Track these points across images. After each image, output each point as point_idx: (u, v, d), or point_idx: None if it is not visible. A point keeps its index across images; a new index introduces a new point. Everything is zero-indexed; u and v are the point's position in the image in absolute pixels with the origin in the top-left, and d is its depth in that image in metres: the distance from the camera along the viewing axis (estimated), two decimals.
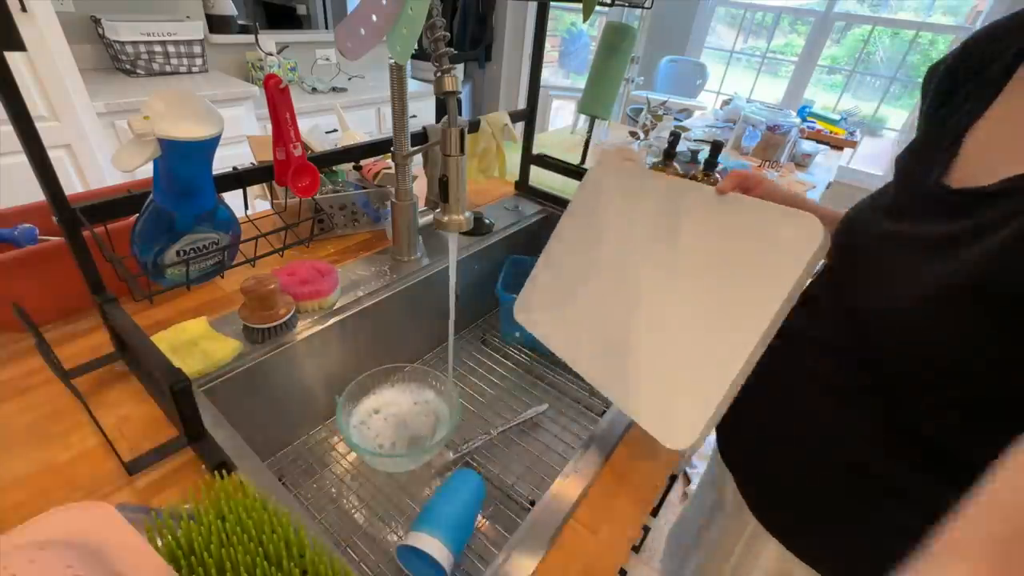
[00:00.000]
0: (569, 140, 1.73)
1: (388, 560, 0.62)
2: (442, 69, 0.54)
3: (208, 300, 0.75)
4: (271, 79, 0.71)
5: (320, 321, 0.74)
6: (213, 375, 0.62)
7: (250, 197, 0.80)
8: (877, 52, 3.34)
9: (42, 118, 1.37)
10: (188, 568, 0.37)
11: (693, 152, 1.34)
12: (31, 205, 0.73)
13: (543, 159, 1.15)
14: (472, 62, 3.66)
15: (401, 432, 0.72)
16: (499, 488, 0.72)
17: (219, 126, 0.60)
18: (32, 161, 0.49)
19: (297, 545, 0.39)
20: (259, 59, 2.18)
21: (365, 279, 0.83)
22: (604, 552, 0.50)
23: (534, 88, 1.06)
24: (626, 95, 2.58)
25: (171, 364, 0.50)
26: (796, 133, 1.68)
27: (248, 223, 0.83)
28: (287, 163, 0.76)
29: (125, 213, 0.65)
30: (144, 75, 1.86)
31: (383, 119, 2.41)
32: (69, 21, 1.74)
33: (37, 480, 0.49)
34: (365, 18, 0.56)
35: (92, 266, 0.57)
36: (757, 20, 3.60)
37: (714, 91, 3.67)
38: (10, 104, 0.45)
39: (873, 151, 3.59)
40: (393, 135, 0.78)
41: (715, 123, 1.95)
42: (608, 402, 0.88)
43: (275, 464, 0.73)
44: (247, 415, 0.66)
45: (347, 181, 0.96)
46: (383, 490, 0.71)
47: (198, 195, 0.66)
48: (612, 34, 1.08)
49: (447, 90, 0.54)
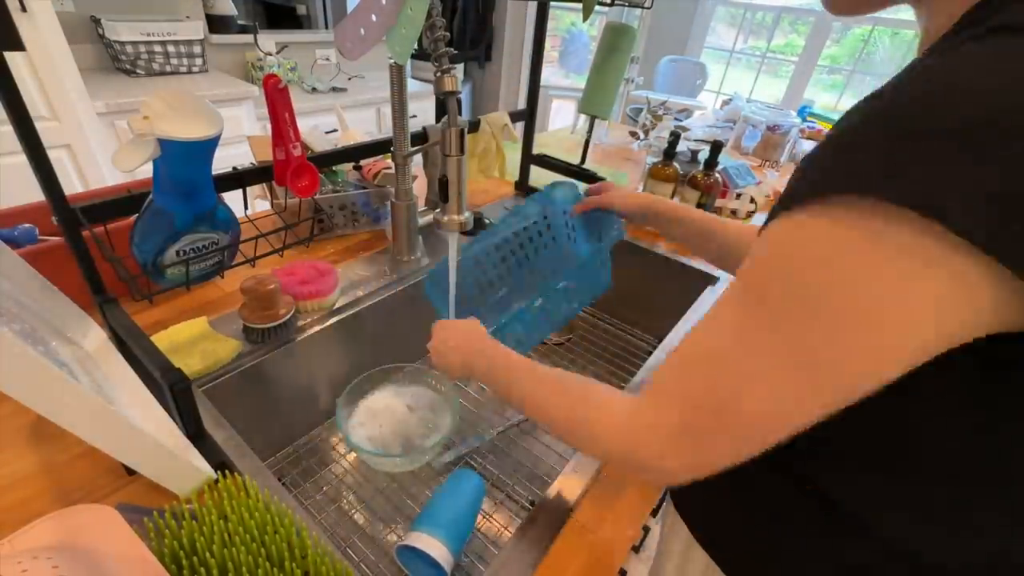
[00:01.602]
0: (569, 140, 1.73)
1: (388, 560, 0.62)
2: (442, 69, 0.54)
3: (208, 300, 0.75)
4: (270, 79, 0.71)
5: (320, 321, 0.74)
6: (213, 375, 0.62)
7: (250, 197, 0.80)
8: (877, 52, 3.34)
9: (42, 118, 1.37)
10: (190, 568, 0.37)
11: (693, 152, 1.34)
12: (31, 205, 0.73)
13: (543, 159, 1.15)
14: (472, 62, 3.66)
15: (401, 432, 0.72)
16: (499, 488, 0.72)
17: (219, 126, 0.60)
18: (32, 161, 0.49)
19: (299, 546, 0.39)
20: (259, 59, 2.18)
21: (365, 279, 0.83)
22: (604, 552, 0.50)
23: (534, 88, 1.06)
24: (626, 95, 2.58)
25: (171, 364, 0.49)
26: (796, 133, 1.67)
27: (248, 223, 0.83)
28: (287, 163, 0.76)
29: (125, 213, 0.65)
30: (144, 75, 1.86)
31: (383, 119, 2.41)
32: (69, 21, 1.73)
33: (37, 480, 0.49)
34: (365, 18, 0.56)
35: (92, 266, 0.57)
36: (757, 20, 3.60)
37: (714, 91, 3.67)
38: (10, 104, 0.45)
39: None
40: (393, 135, 0.78)
41: (715, 123, 1.95)
42: None
43: (275, 464, 0.73)
44: (247, 415, 0.66)
45: (347, 181, 0.96)
46: (383, 490, 0.71)
47: (198, 195, 0.66)
48: (612, 34, 1.08)
49: (447, 90, 0.55)
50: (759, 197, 1.15)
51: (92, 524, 0.35)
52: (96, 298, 0.59)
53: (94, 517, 0.36)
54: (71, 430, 0.37)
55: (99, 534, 0.35)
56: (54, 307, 0.55)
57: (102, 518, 0.36)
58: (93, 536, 0.35)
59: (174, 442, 0.48)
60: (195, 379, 0.61)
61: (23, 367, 0.34)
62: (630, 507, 0.55)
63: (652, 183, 1.09)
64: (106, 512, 0.36)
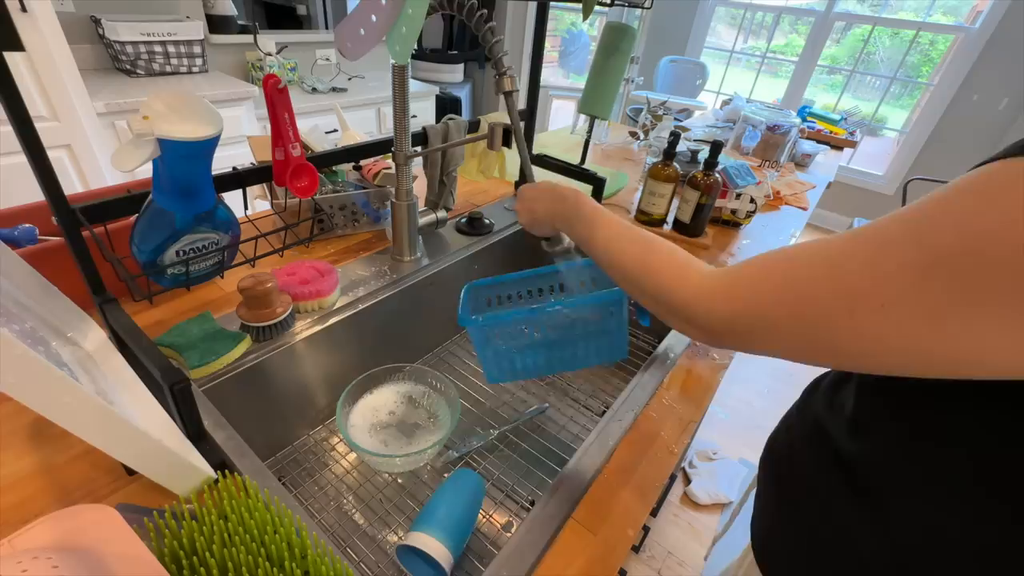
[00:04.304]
0: (569, 140, 1.73)
1: (388, 560, 0.62)
2: (499, 72, 0.63)
3: (208, 300, 0.75)
4: (269, 79, 0.71)
5: (320, 321, 0.74)
6: (213, 375, 0.62)
7: (250, 197, 0.80)
8: (877, 52, 3.34)
9: (42, 118, 1.37)
10: (190, 568, 0.37)
11: (693, 152, 1.34)
12: (31, 205, 0.73)
13: (543, 159, 1.15)
14: (472, 62, 3.66)
15: (401, 432, 0.72)
16: (499, 488, 0.72)
17: (218, 126, 0.60)
18: (32, 161, 0.49)
19: (299, 546, 0.39)
20: (259, 59, 2.18)
21: (365, 279, 0.83)
22: (604, 552, 0.50)
23: (534, 88, 1.06)
24: (626, 95, 2.58)
25: (171, 364, 0.50)
26: (796, 133, 1.67)
27: (248, 223, 0.83)
28: (286, 163, 0.76)
29: (125, 213, 0.65)
30: (144, 75, 1.86)
31: (383, 119, 2.41)
32: (69, 21, 1.74)
33: (37, 480, 0.49)
34: (365, 18, 0.56)
35: (92, 266, 0.57)
36: (757, 20, 3.61)
37: (714, 91, 3.67)
38: (10, 104, 0.45)
39: (873, 151, 3.59)
40: (394, 135, 0.78)
41: (715, 123, 1.95)
42: (608, 402, 0.88)
43: (275, 464, 0.73)
44: (247, 415, 0.66)
45: (347, 181, 0.96)
46: (383, 490, 0.71)
47: (198, 195, 0.66)
48: (612, 34, 1.08)
49: (507, 89, 0.63)
50: (759, 197, 1.15)
51: (92, 524, 0.35)
52: (96, 298, 0.59)
53: (94, 517, 0.36)
54: (71, 431, 0.37)
55: (99, 534, 0.35)
56: (54, 307, 0.55)
57: (102, 518, 0.36)
58: (93, 536, 0.35)
59: (174, 442, 0.48)
60: (195, 379, 0.61)
61: (23, 367, 0.34)
62: (630, 507, 0.55)
63: (652, 183, 1.09)
64: (106, 512, 0.36)
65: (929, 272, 0.27)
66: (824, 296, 0.31)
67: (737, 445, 1.78)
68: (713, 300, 0.37)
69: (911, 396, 0.36)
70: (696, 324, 0.39)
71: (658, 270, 0.43)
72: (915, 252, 0.27)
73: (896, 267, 0.28)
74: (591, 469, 0.58)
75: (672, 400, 0.69)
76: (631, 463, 0.60)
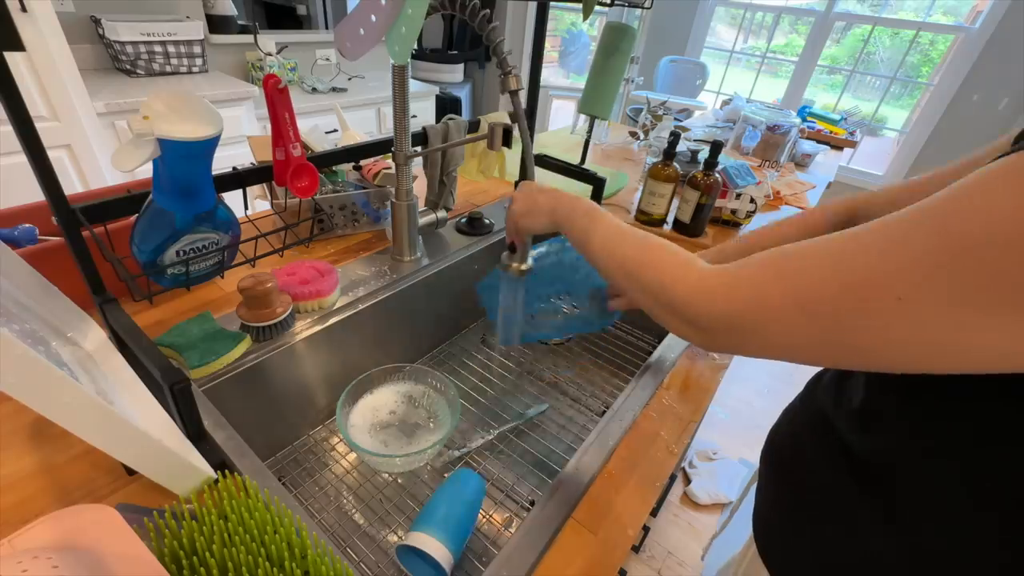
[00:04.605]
0: (569, 140, 1.73)
1: (388, 560, 0.62)
2: (504, 71, 0.62)
3: (208, 300, 0.75)
4: (270, 79, 0.71)
5: (320, 321, 0.74)
6: (213, 375, 0.62)
7: (250, 197, 0.80)
8: (877, 52, 3.34)
9: (42, 118, 1.37)
10: (190, 568, 0.37)
11: (693, 152, 1.34)
12: (31, 205, 0.73)
13: (543, 159, 1.15)
14: (472, 62, 3.66)
15: (401, 432, 0.72)
16: (499, 488, 0.72)
17: (218, 126, 0.60)
18: (32, 161, 0.49)
19: (299, 546, 0.39)
20: (259, 59, 2.18)
21: (365, 279, 0.83)
22: (604, 552, 0.50)
23: (534, 88, 1.06)
24: (626, 95, 2.58)
25: (171, 364, 0.50)
26: (796, 133, 1.68)
27: (248, 223, 0.83)
28: (286, 163, 0.76)
29: (125, 213, 0.65)
30: (144, 75, 1.86)
31: (383, 119, 2.41)
32: (69, 21, 1.74)
33: (37, 480, 0.49)
34: (365, 18, 0.56)
35: (92, 266, 0.57)
36: (757, 20, 3.61)
37: (714, 91, 3.67)
38: (10, 104, 0.45)
39: (873, 151, 3.59)
40: (394, 135, 0.78)
41: (715, 123, 1.95)
42: (608, 402, 0.88)
43: (275, 464, 0.73)
44: (247, 415, 0.66)
45: (347, 181, 0.96)
46: (383, 490, 0.71)
47: (198, 195, 0.66)
48: (612, 34, 1.08)
49: (512, 88, 0.63)
50: (759, 197, 1.15)
51: (92, 524, 0.35)
52: (96, 298, 0.59)
53: (94, 517, 0.36)
54: (71, 430, 0.37)
55: (99, 534, 0.35)
56: (54, 307, 0.55)
57: (102, 518, 0.36)
58: (93, 536, 0.35)
59: (174, 442, 0.48)
60: (195, 379, 0.61)
61: (24, 367, 0.34)
62: (630, 507, 0.55)
63: (652, 183, 1.09)
64: (106, 512, 0.36)
65: (952, 262, 0.26)
66: (833, 291, 0.30)
67: (737, 445, 1.78)
68: (714, 297, 0.37)
69: (921, 389, 0.36)
70: (695, 323, 0.38)
71: (657, 266, 0.43)
72: (938, 242, 0.27)
73: (913, 259, 0.28)
74: (591, 469, 0.58)
75: (672, 400, 0.69)
76: (631, 463, 0.60)
